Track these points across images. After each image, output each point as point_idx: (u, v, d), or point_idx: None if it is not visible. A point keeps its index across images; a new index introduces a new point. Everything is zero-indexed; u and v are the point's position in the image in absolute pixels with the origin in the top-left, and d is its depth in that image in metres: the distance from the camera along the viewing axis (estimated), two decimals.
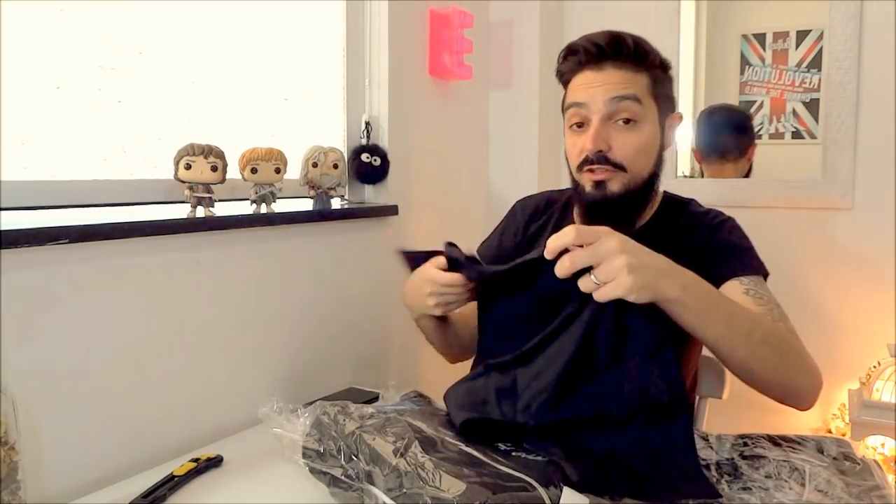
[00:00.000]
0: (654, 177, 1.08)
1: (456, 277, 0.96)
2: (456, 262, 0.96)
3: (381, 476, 0.77)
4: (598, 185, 1.04)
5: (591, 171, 1.04)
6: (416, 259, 1.04)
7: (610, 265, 0.74)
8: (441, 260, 0.98)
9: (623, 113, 1.01)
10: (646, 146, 1.04)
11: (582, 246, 0.75)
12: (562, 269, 0.75)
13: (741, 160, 1.90)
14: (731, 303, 0.87)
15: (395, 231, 1.61)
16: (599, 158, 1.02)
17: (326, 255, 1.40)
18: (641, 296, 0.75)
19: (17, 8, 0.97)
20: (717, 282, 0.98)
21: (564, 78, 1.10)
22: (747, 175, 1.89)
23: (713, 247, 1.05)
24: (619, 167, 1.03)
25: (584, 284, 0.76)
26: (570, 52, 1.07)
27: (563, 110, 1.09)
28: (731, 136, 1.92)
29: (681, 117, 1.12)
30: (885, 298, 1.64)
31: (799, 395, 0.91)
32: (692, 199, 1.16)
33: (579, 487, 0.72)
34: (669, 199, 1.15)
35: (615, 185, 1.04)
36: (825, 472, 0.78)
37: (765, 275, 1.04)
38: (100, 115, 1.08)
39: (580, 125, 1.05)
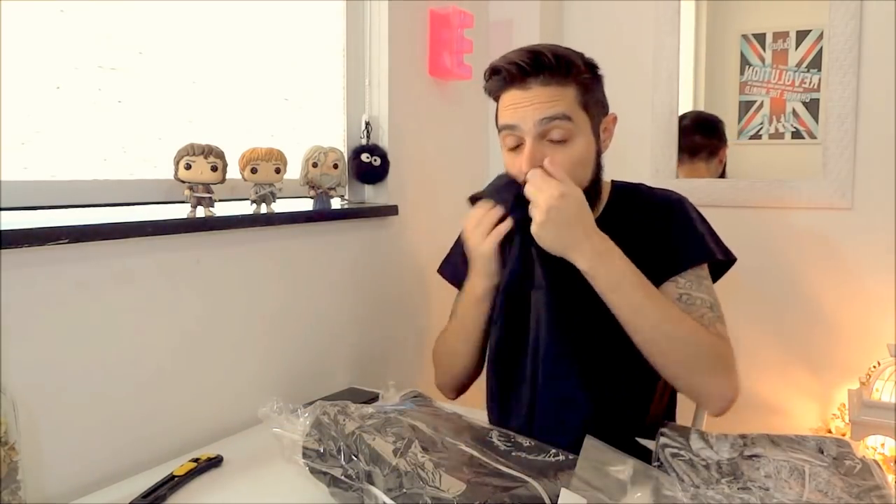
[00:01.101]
0: (594, 182, 1.08)
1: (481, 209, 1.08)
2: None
3: (381, 476, 0.77)
4: None
5: None
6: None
7: (534, 211, 0.96)
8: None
9: (555, 131, 1.02)
10: (580, 160, 1.04)
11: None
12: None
13: (712, 161, 1.91)
14: (647, 292, 0.98)
15: (396, 231, 1.61)
16: None
17: (326, 255, 1.40)
18: (550, 248, 0.97)
19: (17, 8, 0.97)
20: (657, 280, 1.04)
21: (493, 95, 1.10)
22: (721, 177, 1.90)
23: (663, 237, 1.07)
24: None
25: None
26: (494, 72, 1.07)
27: (498, 129, 1.09)
28: (700, 136, 1.93)
29: (615, 118, 1.12)
30: (885, 298, 1.64)
31: (703, 397, 1.01)
32: (641, 184, 1.17)
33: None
34: (619, 187, 1.16)
35: None
36: (825, 472, 0.78)
37: (707, 256, 1.07)
38: (100, 115, 1.08)
39: (515, 147, 1.05)
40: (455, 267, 1.27)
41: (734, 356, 1.02)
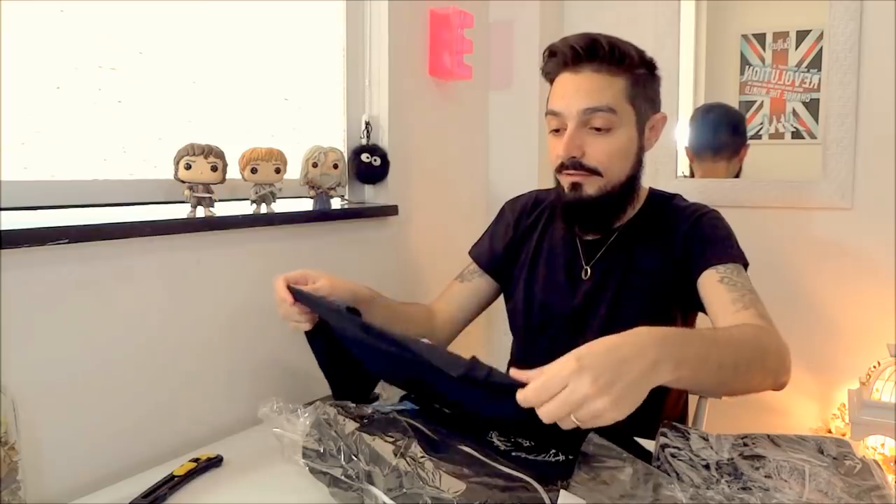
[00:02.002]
0: (632, 179, 1.10)
1: (283, 294, 1.01)
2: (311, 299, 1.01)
3: (381, 476, 0.77)
4: (575, 187, 1.08)
5: (569, 173, 1.07)
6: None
7: (590, 408, 0.66)
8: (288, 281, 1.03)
9: (596, 122, 1.04)
10: (620, 151, 1.06)
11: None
12: (545, 419, 0.68)
13: (733, 160, 1.90)
14: (718, 342, 0.85)
15: (396, 231, 1.61)
16: (574, 164, 1.06)
17: (326, 255, 1.40)
18: (628, 411, 0.68)
19: (17, 8, 0.97)
20: (695, 273, 1.04)
21: (549, 77, 1.13)
22: (737, 177, 1.89)
23: (693, 238, 1.08)
24: (594, 171, 1.06)
25: (565, 425, 0.68)
26: (551, 53, 1.10)
27: (546, 112, 1.11)
28: (726, 133, 1.92)
29: (664, 118, 1.14)
30: (885, 298, 1.64)
31: (777, 384, 0.95)
32: (677, 194, 1.18)
33: None
34: (654, 195, 1.17)
35: (590, 189, 1.07)
36: (825, 472, 0.78)
37: (744, 264, 1.07)
38: (100, 115, 1.08)
39: (558, 131, 1.08)
40: (480, 249, 1.30)
41: (777, 331, 0.97)
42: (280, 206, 1.29)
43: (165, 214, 1.10)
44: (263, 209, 1.25)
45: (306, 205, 1.39)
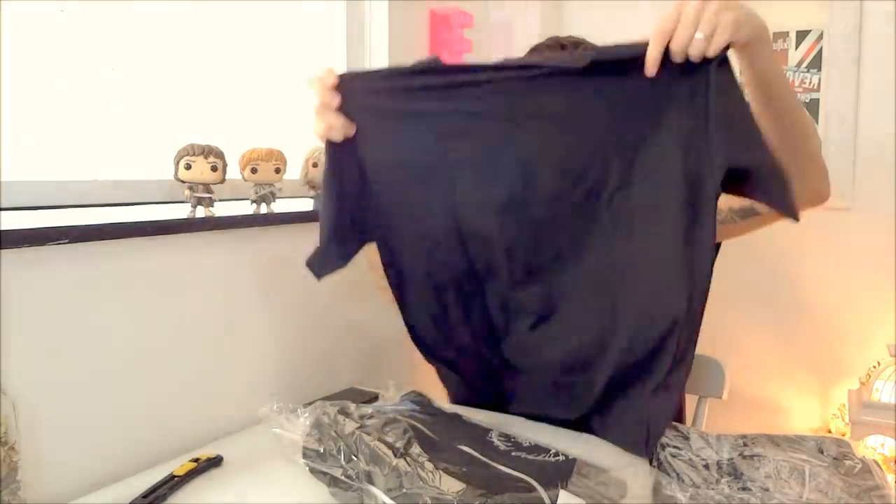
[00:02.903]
0: None
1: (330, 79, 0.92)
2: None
3: (381, 476, 0.77)
4: None
5: None
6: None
7: (712, 17, 0.78)
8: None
9: None
10: None
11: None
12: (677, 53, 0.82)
13: None
14: (793, 94, 0.97)
15: None
16: None
17: None
18: (744, 32, 0.81)
19: (18, 8, 0.97)
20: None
21: None
22: None
23: None
24: None
25: (693, 49, 0.80)
26: (535, 52, 1.10)
27: None
28: None
29: None
30: (885, 298, 1.64)
31: (819, 190, 1.08)
32: None
33: None
34: None
35: None
36: (825, 472, 0.78)
37: None
38: (100, 116, 1.08)
39: None
40: None
41: None
42: (280, 206, 1.29)
43: (165, 214, 1.10)
44: (263, 209, 1.25)
45: (306, 205, 1.39)
